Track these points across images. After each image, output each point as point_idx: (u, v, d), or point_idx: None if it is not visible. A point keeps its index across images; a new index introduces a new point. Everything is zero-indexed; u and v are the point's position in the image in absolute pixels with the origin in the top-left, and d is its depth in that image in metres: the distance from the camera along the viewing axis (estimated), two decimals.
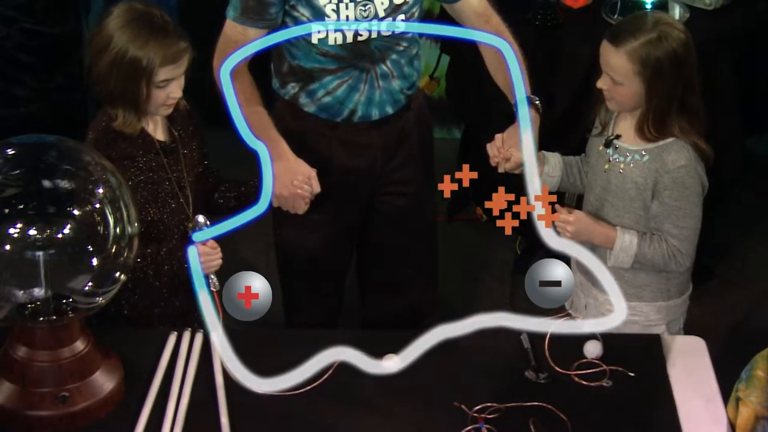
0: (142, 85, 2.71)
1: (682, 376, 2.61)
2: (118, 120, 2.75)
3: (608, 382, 2.57)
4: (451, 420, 2.43)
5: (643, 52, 2.67)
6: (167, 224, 2.83)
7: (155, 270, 2.77)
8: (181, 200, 2.84)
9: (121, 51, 2.68)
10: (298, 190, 2.80)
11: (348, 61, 2.91)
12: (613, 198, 2.82)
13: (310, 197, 2.84)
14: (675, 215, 2.74)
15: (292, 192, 2.81)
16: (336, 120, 2.98)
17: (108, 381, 2.46)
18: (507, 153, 2.79)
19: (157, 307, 2.89)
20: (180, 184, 2.84)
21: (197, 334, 2.67)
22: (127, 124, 2.75)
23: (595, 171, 2.87)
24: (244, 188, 3.00)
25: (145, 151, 2.79)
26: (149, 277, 2.78)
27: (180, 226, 2.85)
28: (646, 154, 2.76)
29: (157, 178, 2.81)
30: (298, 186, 2.80)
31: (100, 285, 2.38)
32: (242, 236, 2.56)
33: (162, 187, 2.82)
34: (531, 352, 2.64)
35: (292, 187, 2.80)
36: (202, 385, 2.53)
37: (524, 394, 2.51)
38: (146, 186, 2.79)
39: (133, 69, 2.69)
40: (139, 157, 2.78)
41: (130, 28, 2.69)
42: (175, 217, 2.84)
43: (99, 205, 2.37)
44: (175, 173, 2.84)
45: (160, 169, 2.81)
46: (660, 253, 2.75)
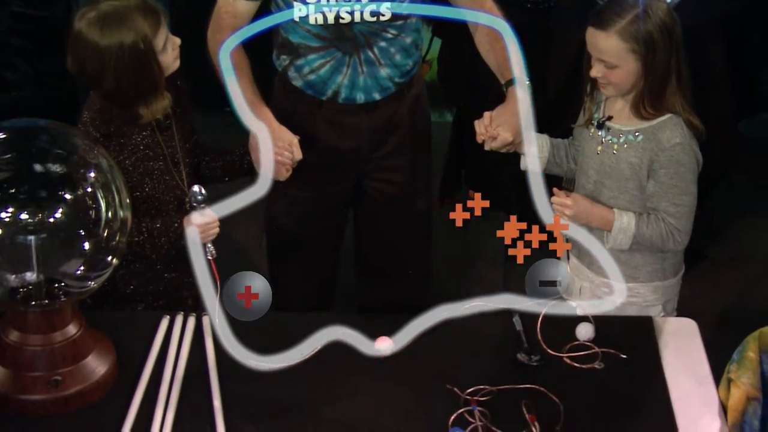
0: (153, 65, 2.70)
1: (674, 358, 2.61)
2: (145, 116, 2.74)
3: (600, 364, 2.57)
4: (443, 402, 2.43)
5: (633, 29, 2.66)
6: (162, 200, 2.84)
7: (152, 244, 2.77)
8: (175, 175, 2.84)
9: (118, 53, 2.66)
10: (279, 157, 2.80)
11: (330, 41, 2.90)
12: (608, 180, 2.82)
13: (291, 164, 2.83)
14: (671, 193, 2.74)
15: (273, 158, 2.80)
16: (321, 98, 2.98)
17: (100, 365, 2.46)
18: (494, 132, 2.78)
19: (151, 283, 2.90)
20: (174, 159, 2.84)
21: (190, 317, 2.67)
22: (155, 111, 2.75)
23: (588, 154, 2.87)
24: (229, 157, 3.00)
25: (141, 129, 2.79)
26: (146, 250, 2.78)
27: (175, 201, 2.86)
28: (640, 134, 2.75)
29: (153, 155, 2.81)
30: (278, 152, 2.80)
31: (92, 269, 2.37)
32: (234, 219, 2.56)
33: (157, 163, 2.82)
34: (523, 334, 2.64)
35: (273, 154, 2.80)
36: (195, 369, 2.53)
37: (516, 376, 2.51)
38: (142, 163, 2.79)
39: (138, 59, 2.67)
40: (135, 135, 2.78)
41: (108, 29, 2.66)
42: (170, 192, 2.85)
43: (91, 189, 2.36)
44: (169, 149, 2.84)
45: (155, 146, 2.81)
46: (658, 233, 2.75)
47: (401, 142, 3.10)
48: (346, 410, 2.44)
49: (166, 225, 2.77)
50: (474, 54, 3.03)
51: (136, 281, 2.89)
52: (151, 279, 2.91)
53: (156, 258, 2.84)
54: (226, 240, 2.75)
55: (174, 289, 2.95)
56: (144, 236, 2.75)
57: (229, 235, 4.07)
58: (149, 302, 2.92)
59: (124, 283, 2.88)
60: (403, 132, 3.09)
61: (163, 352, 2.57)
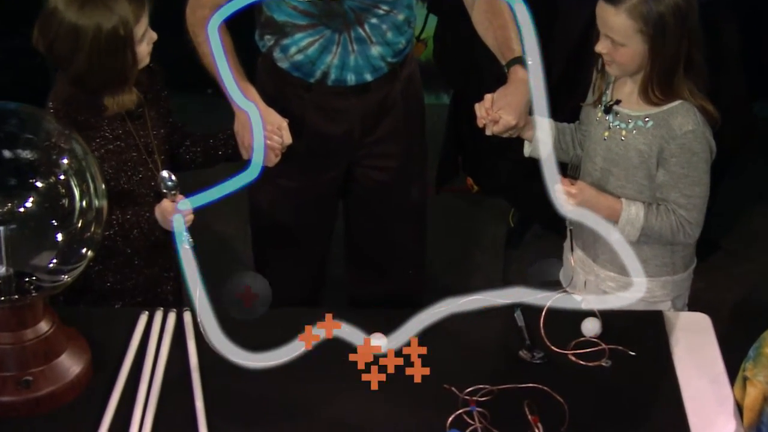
0: (128, 54, 2.68)
1: (686, 354, 2.61)
2: (110, 107, 2.72)
3: (607, 361, 2.57)
4: (440, 403, 2.43)
5: (644, 9, 2.66)
6: (138, 193, 2.83)
7: (124, 237, 2.76)
8: (150, 166, 2.83)
9: (95, 35, 2.64)
10: (267, 141, 2.79)
11: (319, 19, 2.89)
12: (615, 168, 2.81)
13: (280, 149, 2.83)
14: (682, 183, 2.73)
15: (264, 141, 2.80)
16: (309, 81, 2.97)
17: (74, 364, 2.45)
18: (495, 115, 2.77)
19: (128, 279, 2.89)
20: (148, 149, 2.83)
21: (170, 313, 2.66)
22: (121, 105, 2.74)
23: (594, 139, 2.86)
24: (212, 141, 2.99)
25: (111, 120, 2.78)
26: (118, 244, 2.77)
27: (151, 193, 2.85)
28: (650, 120, 2.75)
29: (125, 146, 2.80)
30: (267, 136, 2.79)
31: (65, 262, 2.37)
32: (217, 209, 2.56)
33: (129, 154, 2.81)
34: (525, 330, 2.64)
35: None
36: (176, 368, 2.52)
37: (518, 375, 2.51)
38: (113, 156, 2.78)
39: (114, 45, 2.65)
40: (104, 125, 2.77)
41: (89, 8, 2.64)
42: (145, 185, 2.84)
43: (63, 177, 2.35)
44: (142, 139, 2.82)
45: (127, 136, 2.80)
46: (668, 225, 2.75)
47: (394, 126, 3.10)
48: (337, 411, 2.44)
49: (137, 216, 2.76)
50: (472, 31, 3.02)
51: (112, 278, 2.88)
52: (129, 275, 2.90)
53: (131, 252, 2.83)
54: (208, 231, 2.74)
55: (153, 284, 2.94)
56: (115, 230, 2.75)
57: (210, 225, 4.10)
58: (127, 300, 2.92)
59: (100, 280, 2.87)
60: (396, 115, 3.09)
61: (141, 350, 2.57)
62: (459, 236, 4.47)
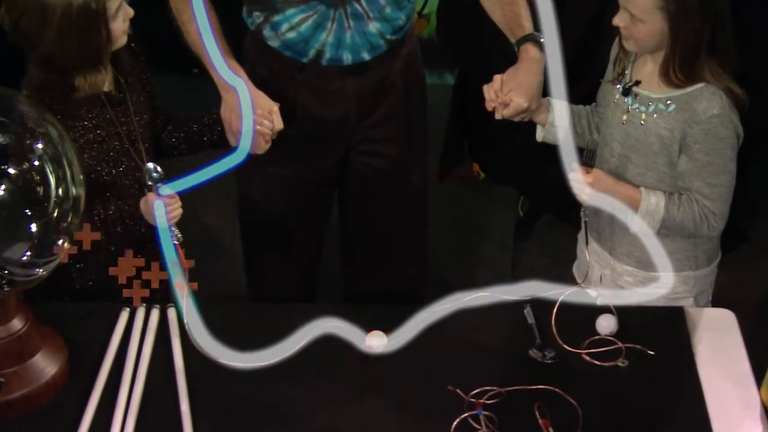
0: (101, 31, 2.67)
1: (709, 354, 2.61)
2: (81, 87, 2.71)
3: (624, 361, 2.57)
4: (444, 406, 2.43)
5: None
6: (121, 184, 2.82)
7: (107, 234, 2.76)
8: (133, 155, 2.83)
9: (65, 10, 2.62)
10: (258, 126, 2.79)
11: None
12: (634, 154, 2.81)
13: (271, 135, 2.83)
14: (706, 172, 2.73)
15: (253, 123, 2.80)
16: (302, 60, 2.97)
17: (50, 364, 2.46)
18: (506, 97, 2.77)
19: (112, 279, 2.87)
20: (131, 137, 2.83)
21: (153, 309, 2.66)
22: (93, 85, 2.73)
23: (612, 123, 2.86)
24: (196, 126, 2.99)
25: (90, 107, 2.77)
26: (101, 242, 2.77)
27: (135, 184, 2.84)
28: (672, 103, 2.74)
29: (106, 135, 2.79)
30: (257, 121, 2.78)
31: (40, 254, 2.36)
32: (204, 199, 2.56)
33: (111, 144, 2.80)
34: (536, 328, 2.64)
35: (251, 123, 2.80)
36: (159, 369, 2.52)
37: (528, 376, 2.51)
38: (94, 146, 2.77)
39: (86, 20, 2.64)
40: (83, 113, 2.76)
41: None
42: (128, 175, 2.83)
43: (38, 163, 2.35)
44: (124, 126, 2.82)
45: (108, 124, 2.80)
46: (690, 216, 2.75)
47: (393, 108, 3.09)
48: (332, 416, 2.44)
49: (121, 211, 2.76)
50: (478, 5, 3.02)
51: (95, 276, 2.87)
52: None
53: (114, 249, 2.83)
54: (195, 223, 2.74)
55: None
56: (97, 225, 2.74)
57: (198, 217, 4.10)
58: (111, 298, 2.90)
59: (81, 279, 2.87)
60: (395, 97, 3.08)
61: (122, 349, 2.57)
62: (464, 227, 4.47)
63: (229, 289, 3.58)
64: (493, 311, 2.63)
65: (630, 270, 2.88)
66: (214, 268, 3.89)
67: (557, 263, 3.97)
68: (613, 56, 2.87)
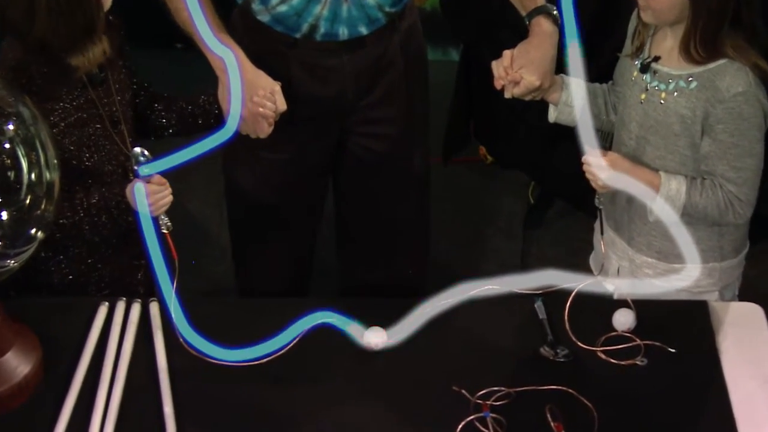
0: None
1: (735, 351, 2.61)
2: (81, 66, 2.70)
3: (643, 360, 2.57)
4: (448, 408, 2.43)
5: None
6: (104, 170, 2.82)
7: (91, 224, 2.76)
8: (116, 138, 2.83)
9: None
10: (260, 108, 2.79)
11: None
12: (653, 136, 2.80)
13: (274, 116, 2.83)
14: (731, 154, 2.72)
15: (252, 110, 2.80)
16: (294, 36, 2.96)
17: (22, 363, 2.46)
18: (516, 75, 2.77)
19: (94, 270, 2.89)
20: (113, 119, 2.82)
21: (134, 304, 2.66)
22: (93, 60, 2.72)
23: (629, 102, 2.85)
24: (190, 108, 2.98)
25: (70, 88, 2.77)
26: (84, 233, 2.77)
27: (119, 169, 2.84)
28: (694, 80, 2.74)
29: (87, 117, 2.79)
30: (260, 102, 2.79)
31: (11, 244, 2.36)
32: (189, 185, 2.56)
33: (93, 127, 2.80)
34: (547, 323, 2.64)
35: (252, 105, 2.79)
36: (141, 367, 2.52)
37: (539, 375, 2.51)
38: (75, 130, 2.77)
39: None
40: (63, 96, 2.76)
41: None
42: (112, 160, 2.83)
43: (9, 145, 2.34)
44: (106, 108, 2.82)
45: (89, 106, 2.79)
46: (714, 203, 2.74)
47: (393, 86, 3.09)
48: (327, 418, 2.44)
49: (105, 199, 2.76)
50: None
51: (75, 270, 2.88)
52: (94, 266, 2.90)
53: (99, 240, 2.83)
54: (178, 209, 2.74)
55: (122, 275, 2.94)
56: (80, 215, 2.74)
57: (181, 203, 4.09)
58: (92, 294, 2.91)
59: (60, 273, 2.87)
60: (394, 74, 3.09)
61: (101, 347, 2.57)
62: (470, 215, 4.47)
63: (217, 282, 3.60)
64: (501, 305, 2.62)
65: (650, 262, 2.88)
66: (199, 260, 3.88)
67: (571, 254, 3.98)
68: (632, 29, 2.87)
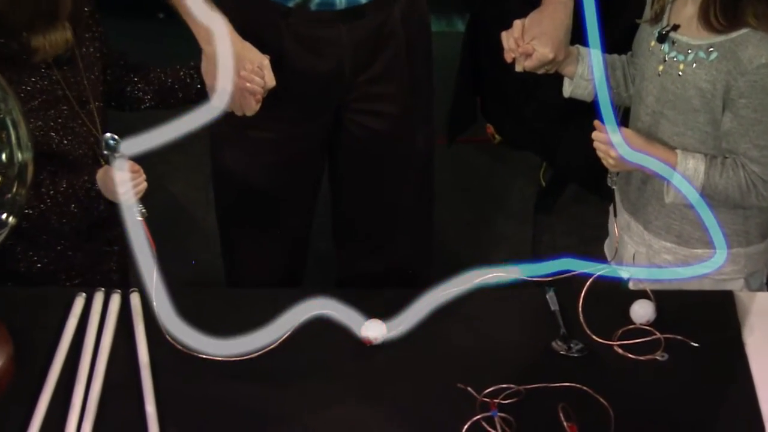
0: None
1: (763, 345, 2.61)
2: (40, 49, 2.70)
3: (663, 355, 2.57)
4: (452, 407, 2.43)
5: None
6: (74, 155, 2.82)
7: (59, 213, 2.76)
8: (84, 119, 2.82)
9: None
10: (247, 83, 2.79)
11: None
12: (671, 111, 2.80)
13: (262, 93, 2.83)
14: (754, 131, 2.72)
15: (239, 86, 2.79)
16: (288, 5, 2.96)
17: None
18: (528, 46, 2.77)
19: (63, 258, 2.90)
20: (81, 98, 2.82)
21: (113, 295, 2.66)
22: (54, 45, 2.71)
23: (646, 75, 2.85)
24: (170, 81, 2.98)
25: (33, 69, 2.76)
26: (52, 222, 2.77)
27: (89, 152, 2.84)
28: (714, 51, 2.74)
29: (52, 99, 2.79)
30: (247, 77, 2.79)
31: None
32: (172, 165, 2.55)
33: (59, 109, 2.79)
34: (560, 315, 2.64)
35: (239, 80, 2.79)
36: (121, 363, 2.52)
37: (551, 371, 2.51)
38: (39, 113, 2.77)
39: None
40: (25, 77, 2.75)
41: None
42: (81, 144, 2.83)
43: None
44: (73, 89, 2.81)
45: (54, 87, 2.79)
46: (736, 183, 2.74)
47: (394, 60, 3.09)
48: (322, 417, 2.44)
49: (74, 187, 2.76)
50: None
51: (44, 257, 2.88)
52: (63, 253, 2.90)
53: (68, 228, 2.83)
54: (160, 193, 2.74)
55: (94, 262, 2.95)
56: (47, 204, 2.74)
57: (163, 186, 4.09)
58: (63, 283, 2.92)
59: (27, 260, 2.88)
60: (395, 47, 3.08)
61: (77, 341, 2.56)
62: (476, 199, 4.47)
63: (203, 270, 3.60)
64: (510, 295, 2.62)
65: (668, 247, 2.88)
66: (184, 247, 3.88)
67: (585, 242, 3.98)
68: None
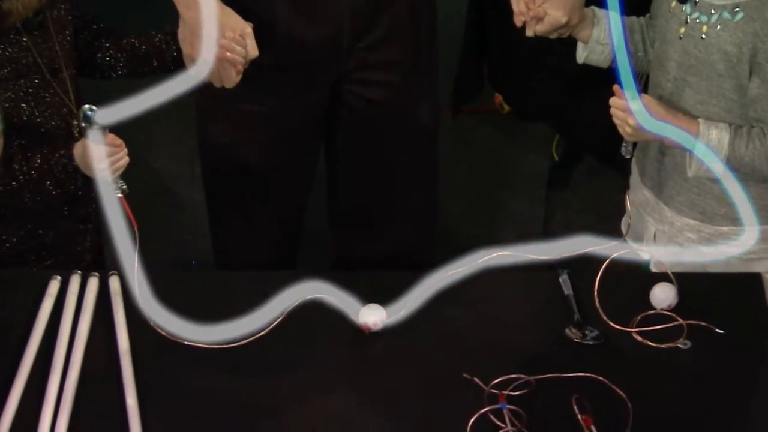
0: None
1: None
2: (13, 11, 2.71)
3: (685, 342, 2.57)
4: (459, 398, 2.43)
5: None
6: (47, 127, 2.83)
7: (33, 191, 2.77)
8: (57, 88, 2.82)
9: None
10: (227, 53, 2.79)
11: None
12: (693, 77, 2.81)
13: (243, 63, 2.83)
14: None
15: (218, 55, 2.79)
16: None
17: None
18: (539, 9, 2.77)
19: (34, 237, 2.91)
20: (53, 66, 2.82)
21: (91, 278, 2.67)
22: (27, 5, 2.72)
23: (667, 38, 2.86)
24: (144, 46, 3.00)
25: (1, 35, 2.77)
26: (25, 200, 2.78)
27: (63, 123, 2.84)
28: (740, 11, 2.74)
29: (21, 67, 2.79)
30: (227, 46, 2.79)
31: None
32: (154, 138, 2.55)
33: (29, 78, 2.80)
34: (574, 300, 2.64)
35: (219, 48, 2.78)
36: (99, 352, 2.52)
37: (564, 360, 2.52)
38: (7, 84, 2.78)
39: None
40: None
41: None
42: (54, 115, 2.84)
43: None
44: (45, 54, 2.81)
45: (23, 54, 2.79)
46: (763, 155, 2.74)
47: (395, 26, 3.10)
48: (317, 409, 2.44)
49: (49, 163, 2.76)
50: None
51: (12, 236, 2.89)
52: (34, 231, 2.91)
53: (41, 210, 2.83)
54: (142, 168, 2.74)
55: (66, 241, 2.96)
56: (20, 181, 2.75)
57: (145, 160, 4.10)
58: (33, 264, 2.93)
59: None
60: (397, 12, 3.09)
61: (52, 327, 2.57)
62: (484, 174, 4.47)
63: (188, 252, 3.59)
64: (520, 278, 2.63)
65: (692, 224, 2.88)
66: (168, 226, 3.88)
67: (602, 220, 3.97)
68: None
